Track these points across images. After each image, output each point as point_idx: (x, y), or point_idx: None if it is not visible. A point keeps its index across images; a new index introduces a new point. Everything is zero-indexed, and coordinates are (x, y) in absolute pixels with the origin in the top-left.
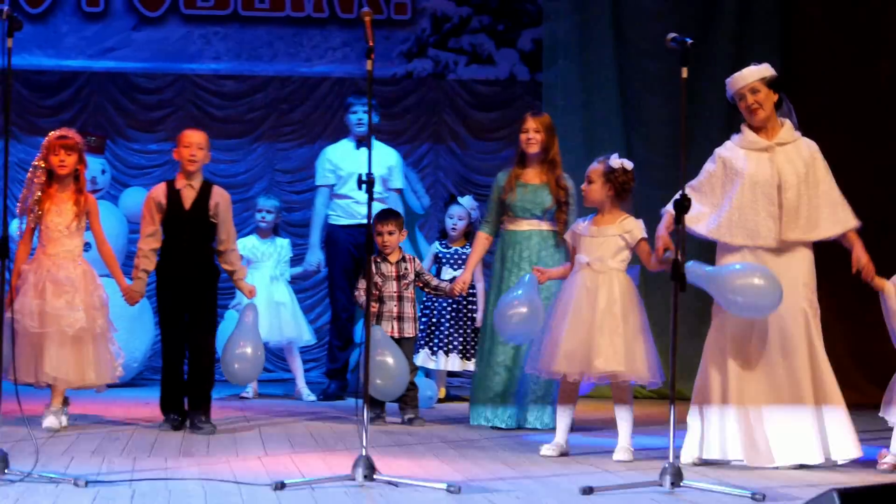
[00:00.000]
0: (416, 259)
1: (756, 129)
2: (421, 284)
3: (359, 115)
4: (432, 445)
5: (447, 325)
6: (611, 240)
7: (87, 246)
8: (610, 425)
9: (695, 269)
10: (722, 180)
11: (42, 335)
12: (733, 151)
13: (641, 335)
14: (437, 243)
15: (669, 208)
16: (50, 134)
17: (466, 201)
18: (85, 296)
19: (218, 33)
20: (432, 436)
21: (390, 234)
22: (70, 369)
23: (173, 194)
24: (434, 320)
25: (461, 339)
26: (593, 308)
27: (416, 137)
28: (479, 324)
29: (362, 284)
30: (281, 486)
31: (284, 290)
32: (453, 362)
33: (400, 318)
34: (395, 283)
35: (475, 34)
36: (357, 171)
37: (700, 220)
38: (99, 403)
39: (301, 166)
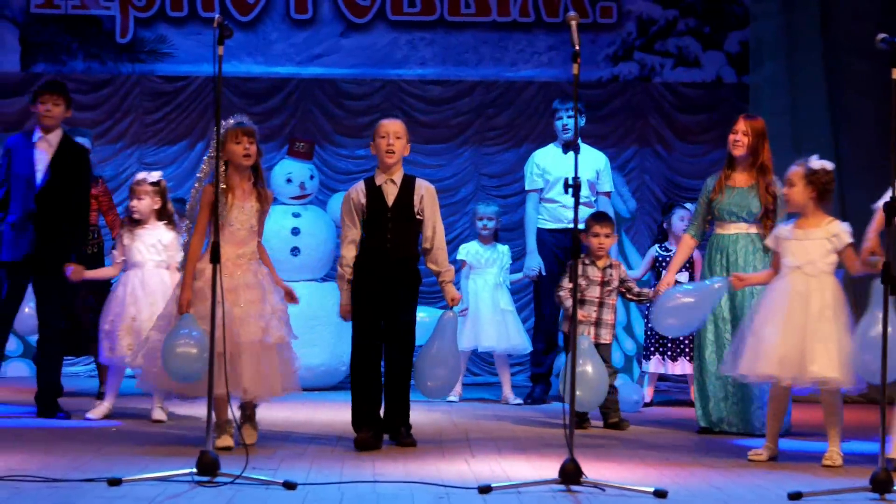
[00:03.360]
0: (623, 266)
1: None
2: (623, 290)
3: (564, 121)
4: (637, 449)
5: None
6: (818, 243)
7: (295, 251)
8: (819, 430)
9: None
10: None
11: (227, 345)
12: None
13: (851, 341)
14: (655, 247)
15: (879, 206)
16: (228, 121)
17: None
18: (271, 302)
19: (424, 39)
20: (637, 440)
21: (606, 236)
22: (259, 380)
23: (373, 192)
24: None
25: (688, 340)
26: (806, 313)
27: (622, 141)
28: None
29: (566, 284)
30: (487, 489)
31: (507, 297)
32: (682, 366)
33: (598, 324)
34: (598, 287)
35: (681, 37)
36: (564, 176)
37: None
38: (307, 406)
39: (507, 170)
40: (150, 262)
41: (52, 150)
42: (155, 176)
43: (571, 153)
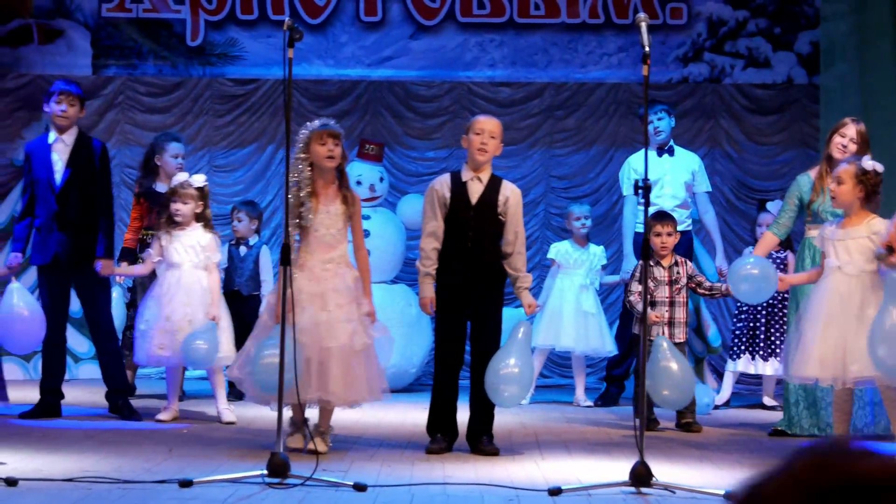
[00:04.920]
0: (688, 262)
1: None
2: (694, 286)
3: (655, 123)
4: (709, 452)
5: (763, 328)
6: (859, 241)
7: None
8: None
9: None
10: None
11: (315, 351)
12: None
13: None
14: (750, 248)
15: None
16: (313, 123)
17: (775, 206)
18: (359, 306)
19: (494, 41)
20: (708, 442)
21: (669, 235)
22: (347, 385)
23: (458, 187)
24: (751, 325)
25: (779, 341)
26: (846, 312)
27: (692, 142)
28: None
29: (635, 288)
30: (557, 491)
31: (592, 299)
32: (773, 366)
33: (671, 324)
34: (666, 287)
35: (752, 37)
36: (659, 178)
37: None
38: (377, 408)
39: (576, 172)
40: (187, 263)
41: (68, 150)
42: (199, 181)
43: (666, 155)
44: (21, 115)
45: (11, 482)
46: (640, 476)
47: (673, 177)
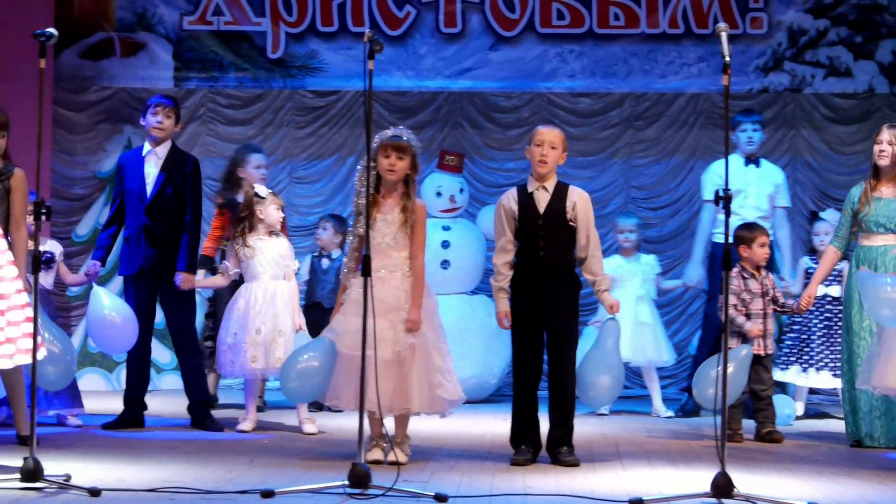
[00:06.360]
0: (770, 274)
1: None
2: (769, 300)
3: (749, 133)
4: (789, 463)
5: (818, 341)
6: None
7: (445, 264)
8: None
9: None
10: None
11: (368, 359)
12: None
13: None
14: (806, 258)
15: None
16: (386, 131)
17: (829, 215)
18: (409, 314)
19: (573, 51)
20: (789, 453)
21: (761, 246)
22: (396, 396)
23: (525, 198)
24: (804, 336)
25: (833, 355)
26: None
27: (773, 152)
28: None
29: (731, 301)
30: (639, 502)
31: (648, 310)
32: (824, 379)
33: (765, 336)
34: (761, 300)
35: (832, 47)
36: (744, 189)
37: None
38: (457, 419)
39: (656, 182)
40: (268, 273)
41: (160, 163)
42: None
43: (753, 166)
44: (103, 127)
45: (95, 493)
46: (722, 487)
47: (758, 188)
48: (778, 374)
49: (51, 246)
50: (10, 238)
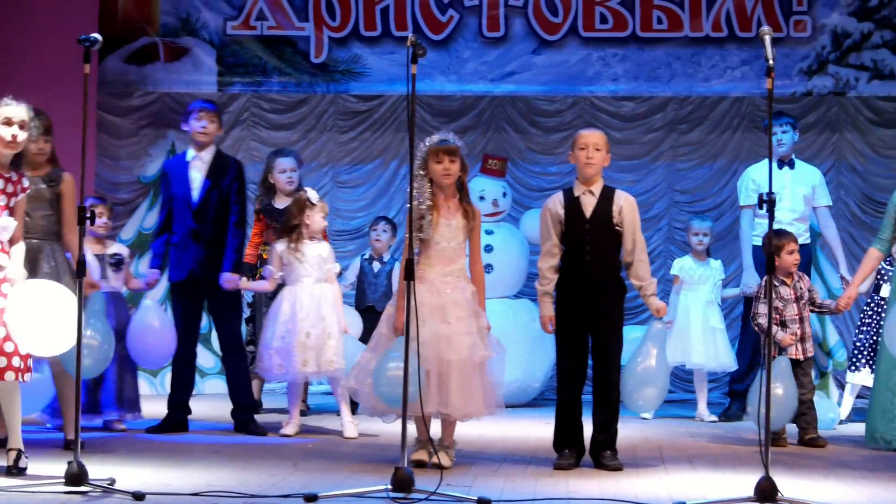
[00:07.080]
0: (805, 276)
1: None
2: (804, 304)
3: (778, 136)
4: (834, 467)
5: None
6: None
7: (488, 268)
8: None
9: None
10: None
11: (435, 363)
12: None
13: None
14: None
15: None
16: (432, 137)
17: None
18: (478, 320)
19: (616, 55)
20: (833, 457)
21: (790, 253)
22: (466, 398)
23: (571, 203)
24: (874, 337)
25: None
26: None
27: (817, 155)
28: None
29: (762, 310)
30: None
31: (718, 315)
32: None
33: (803, 339)
34: (794, 305)
35: (877, 50)
36: (778, 191)
37: None
38: (500, 423)
39: (700, 186)
40: (312, 276)
41: (205, 168)
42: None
43: (787, 168)
44: (147, 132)
45: (139, 496)
46: (766, 491)
47: (792, 190)
48: (848, 376)
49: (118, 248)
50: (64, 240)
